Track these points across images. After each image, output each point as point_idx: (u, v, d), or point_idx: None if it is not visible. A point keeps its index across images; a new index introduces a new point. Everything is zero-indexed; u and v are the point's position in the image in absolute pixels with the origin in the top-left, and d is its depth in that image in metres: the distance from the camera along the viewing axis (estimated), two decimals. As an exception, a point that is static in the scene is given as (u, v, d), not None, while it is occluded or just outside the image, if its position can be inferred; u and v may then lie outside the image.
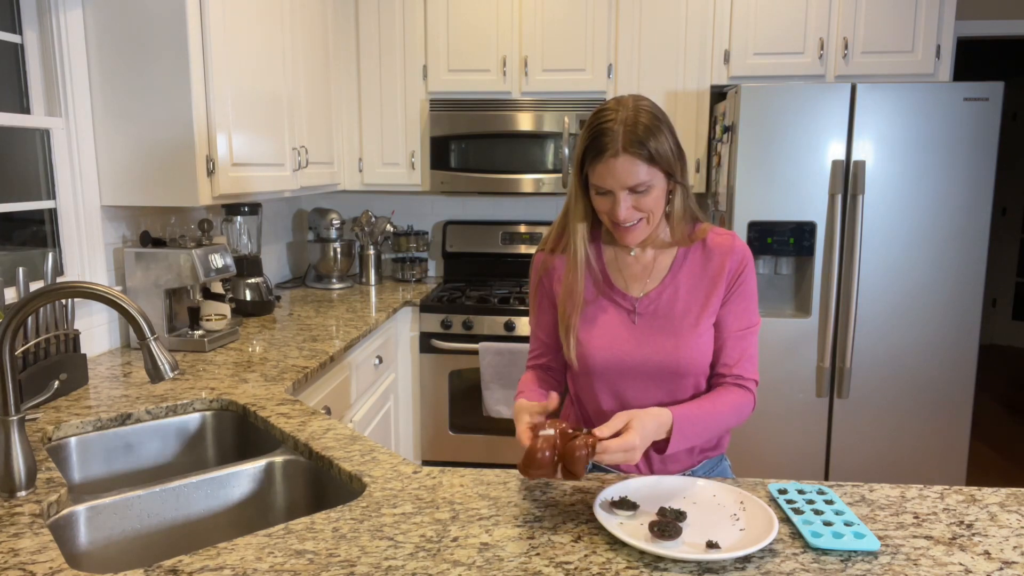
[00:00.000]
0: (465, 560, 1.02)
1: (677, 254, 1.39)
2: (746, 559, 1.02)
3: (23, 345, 1.65)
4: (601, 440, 1.12)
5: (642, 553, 1.03)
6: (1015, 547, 1.06)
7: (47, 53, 2.02)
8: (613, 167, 1.25)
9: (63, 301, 1.79)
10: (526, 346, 2.99)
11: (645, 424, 1.17)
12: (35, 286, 1.94)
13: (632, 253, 1.41)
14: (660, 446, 1.26)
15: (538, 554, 1.04)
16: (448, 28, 3.30)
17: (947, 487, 1.27)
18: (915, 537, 1.09)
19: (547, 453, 1.11)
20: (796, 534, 1.09)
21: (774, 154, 2.88)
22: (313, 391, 2.10)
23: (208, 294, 2.35)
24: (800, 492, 1.21)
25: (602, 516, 1.10)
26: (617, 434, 1.15)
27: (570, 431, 1.13)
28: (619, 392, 1.38)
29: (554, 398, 1.27)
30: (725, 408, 1.33)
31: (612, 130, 1.24)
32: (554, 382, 1.50)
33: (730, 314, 1.37)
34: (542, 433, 1.13)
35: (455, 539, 1.08)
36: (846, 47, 3.12)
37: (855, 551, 1.04)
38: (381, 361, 2.82)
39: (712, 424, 1.30)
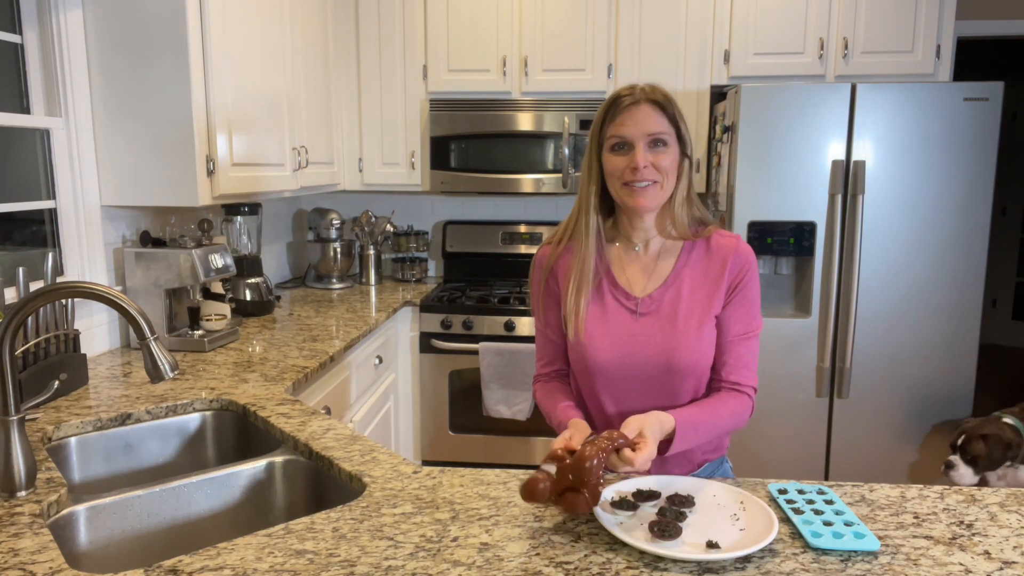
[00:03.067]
0: (465, 560, 1.02)
1: (680, 254, 1.39)
2: (746, 559, 1.02)
3: (23, 345, 1.65)
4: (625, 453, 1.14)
5: (642, 553, 1.03)
6: (1015, 547, 1.06)
7: (47, 53, 2.02)
8: (635, 112, 1.31)
9: (63, 301, 1.79)
10: (526, 346, 3.01)
11: (654, 430, 1.21)
12: (35, 286, 1.94)
13: (635, 250, 1.40)
14: (661, 447, 1.26)
15: (538, 554, 1.04)
16: (448, 28, 3.30)
17: (947, 487, 1.27)
18: (915, 537, 1.09)
19: (542, 486, 1.10)
20: (796, 534, 1.09)
21: (774, 154, 2.88)
22: (313, 391, 2.10)
23: (208, 294, 2.35)
24: (800, 492, 1.21)
25: (602, 516, 1.10)
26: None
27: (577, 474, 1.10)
28: (619, 392, 1.38)
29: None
30: (724, 413, 1.34)
31: (631, 90, 1.34)
32: (569, 391, 1.48)
33: (731, 317, 1.36)
34: (545, 467, 1.12)
35: (455, 539, 1.08)
36: (846, 47, 3.12)
37: (855, 551, 1.04)
38: (381, 361, 2.82)
39: (712, 428, 1.32)
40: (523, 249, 3.67)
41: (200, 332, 2.25)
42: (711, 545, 1.03)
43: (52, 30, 1.99)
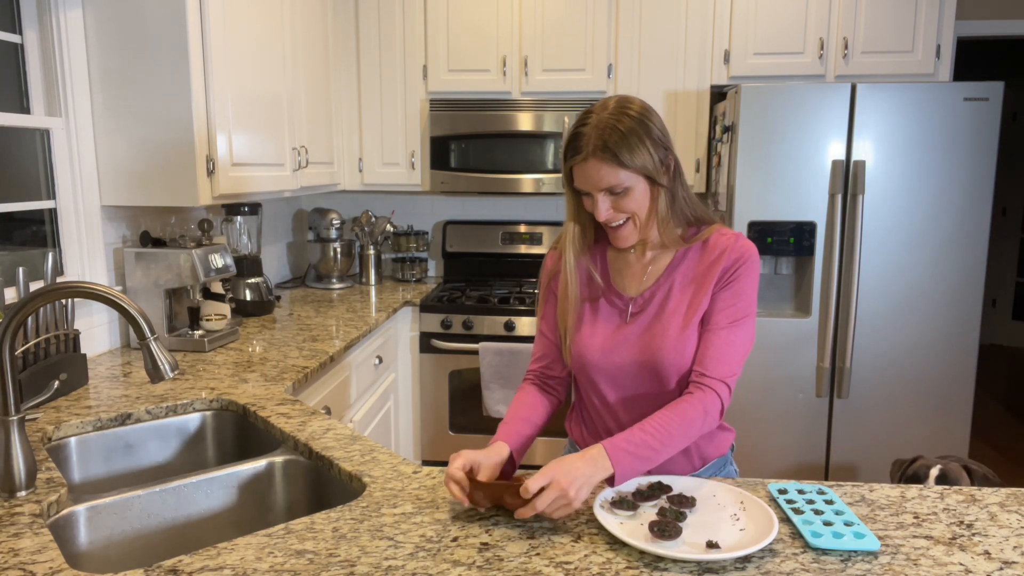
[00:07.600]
0: (465, 560, 1.02)
1: (676, 254, 1.38)
2: (746, 559, 1.02)
3: (23, 345, 1.65)
4: (528, 496, 1.10)
5: (642, 553, 1.03)
6: (1015, 547, 1.06)
7: (47, 53, 2.02)
8: (585, 169, 1.26)
9: (63, 301, 1.79)
10: (526, 346, 3.01)
11: (570, 471, 1.10)
12: (35, 286, 1.94)
13: (632, 252, 1.41)
14: (610, 479, 1.17)
15: (538, 554, 1.04)
16: (448, 28, 3.30)
17: (947, 487, 1.27)
18: (915, 537, 1.09)
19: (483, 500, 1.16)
20: (796, 534, 1.09)
21: (774, 154, 2.88)
22: (313, 391, 2.10)
23: (208, 294, 2.35)
24: (800, 492, 1.21)
25: (602, 516, 1.10)
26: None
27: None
28: (614, 384, 1.38)
29: (505, 449, 1.32)
30: (671, 422, 1.21)
31: (585, 133, 1.25)
32: (553, 395, 1.46)
33: (713, 306, 1.31)
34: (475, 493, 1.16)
35: (455, 539, 1.08)
36: (846, 47, 3.12)
37: (855, 551, 1.04)
38: (381, 361, 2.82)
39: (664, 441, 1.20)
40: (523, 249, 3.67)
41: (200, 332, 2.25)
42: (711, 545, 1.03)
43: (52, 30, 1.99)
